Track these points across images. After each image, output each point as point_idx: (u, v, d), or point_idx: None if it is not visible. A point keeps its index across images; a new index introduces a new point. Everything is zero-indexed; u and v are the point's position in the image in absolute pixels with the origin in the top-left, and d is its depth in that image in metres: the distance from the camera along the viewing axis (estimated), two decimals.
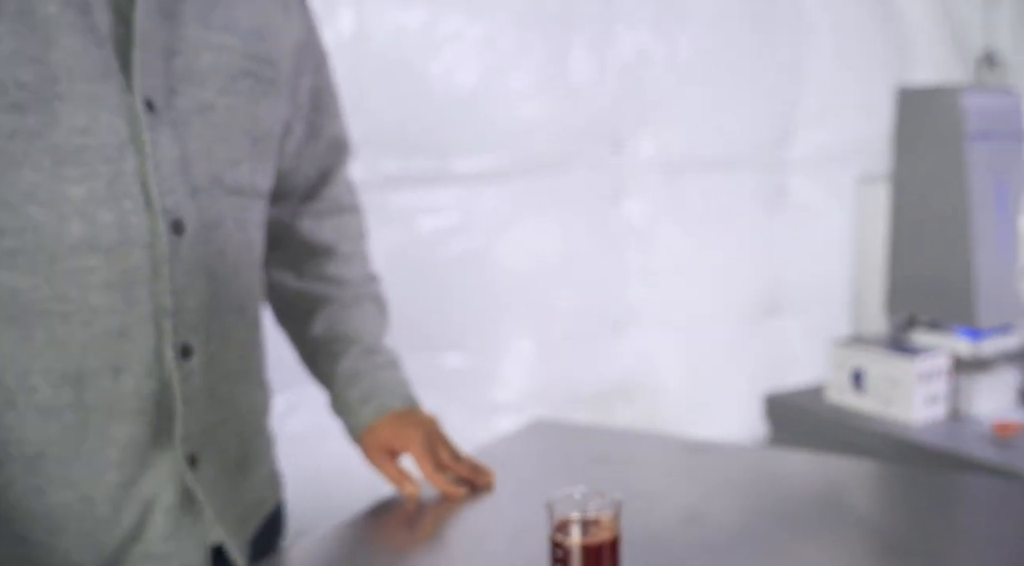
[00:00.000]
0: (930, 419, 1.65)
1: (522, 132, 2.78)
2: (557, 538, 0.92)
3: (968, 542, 1.11)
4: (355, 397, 1.20)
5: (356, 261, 1.25)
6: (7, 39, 0.82)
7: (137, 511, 0.94)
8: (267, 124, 1.05)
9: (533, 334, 2.90)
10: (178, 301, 0.94)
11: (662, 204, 3.03)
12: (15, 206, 0.84)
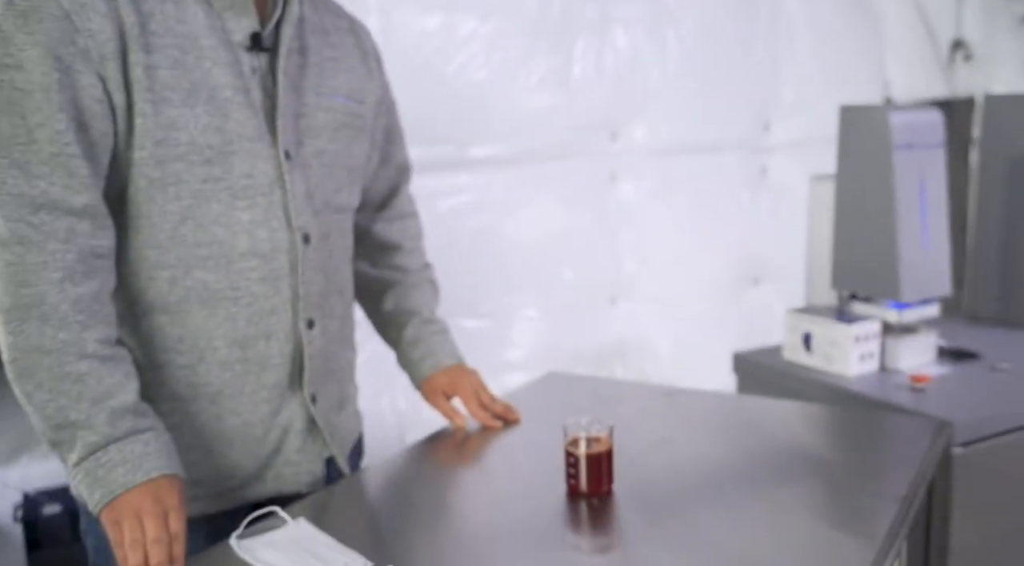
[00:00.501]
0: (863, 373, 2.06)
1: (529, 123, 3.11)
2: (569, 449, 1.34)
3: (887, 462, 1.50)
4: (416, 356, 1.61)
5: (416, 254, 1.65)
6: (202, 117, 1.20)
7: (279, 432, 1.34)
8: (358, 159, 1.44)
9: (539, 302, 3.25)
10: (305, 289, 1.33)
11: (653, 186, 3.37)
12: (206, 227, 1.22)
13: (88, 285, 1.15)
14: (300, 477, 1.36)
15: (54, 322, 1.12)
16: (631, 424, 1.47)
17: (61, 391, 1.12)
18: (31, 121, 1.11)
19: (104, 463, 1.12)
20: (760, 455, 1.50)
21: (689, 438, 1.57)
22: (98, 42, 1.13)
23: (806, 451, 1.55)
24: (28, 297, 1.11)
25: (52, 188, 1.12)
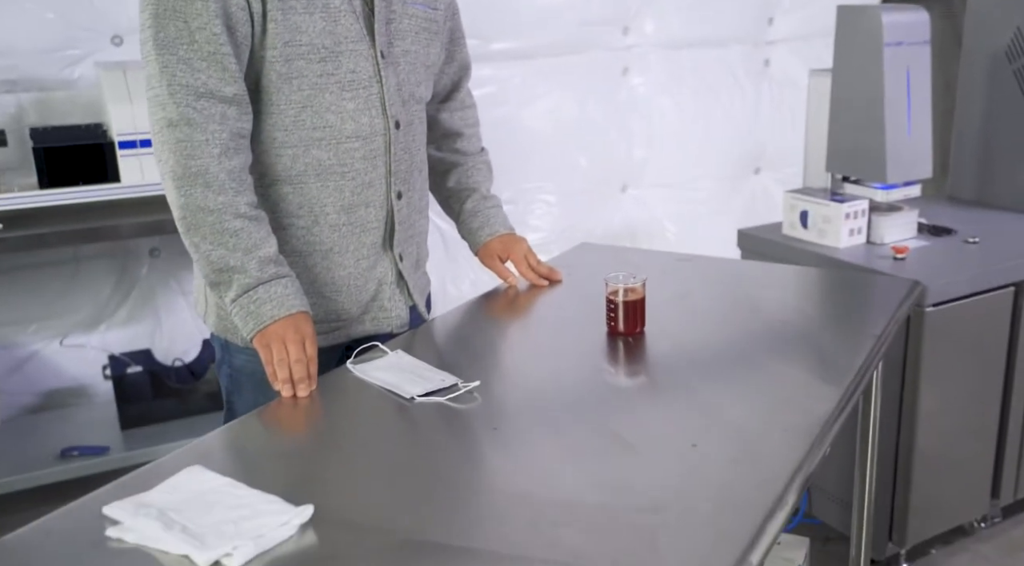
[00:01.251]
0: (852, 245, 2.39)
1: (547, 19, 3.35)
2: (610, 297, 1.67)
3: (868, 310, 1.82)
4: (475, 225, 1.92)
5: (474, 140, 1.94)
6: (319, 22, 1.48)
7: (375, 283, 1.66)
8: (433, 58, 1.72)
9: (555, 188, 3.55)
10: (396, 166, 1.63)
11: (662, 79, 3.64)
12: (321, 114, 1.52)
13: (238, 159, 1.46)
14: (392, 320, 1.70)
15: (215, 188, 1.43)
16: (656, 282, 1.79)
17: (221, 242, 1.44)
18: (192, 25, 1.39)
19: (255, 299, 1.45)
20: (760, 305, 1.85)
21: (704, 293, 1.91)
22: None
23: (799, 302, 1.90)
24: (195, 168, 1.42)
25: (210, 80, 1.42)
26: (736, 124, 3.87)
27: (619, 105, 3.61)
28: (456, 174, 1.91)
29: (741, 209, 3.88)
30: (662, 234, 3.77)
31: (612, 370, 1.59)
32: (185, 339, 3.09)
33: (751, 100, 3.88)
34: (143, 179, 2.53)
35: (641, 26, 3.58)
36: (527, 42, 3.38)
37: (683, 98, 3.72)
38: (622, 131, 3.64)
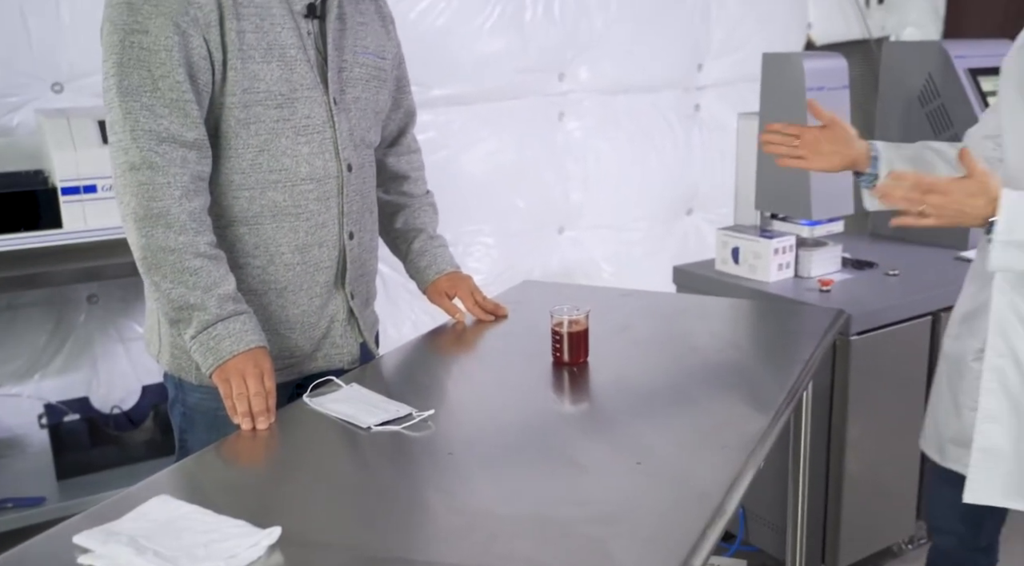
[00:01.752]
0: (781, 279, 2.55)
1: (485, 65, 3.48)
2: (555, 328, 1.77)
3: (796, 338, 1.96)
4: (423, 264, 2.01)
5: (420, 182, 2.04)
6: (276, 70, 1.58)
7: (328, 320, 1.74)
8: (382, 105, 1.83)
9: (494, 229, 3.66)
10: (348, 207, 1.72)
11: (597, 123, 3.80)
12: (277, 157, 1.61)
13: (198, 200, 1.54)
14: (343, 356, 1.78)
15: (176, 228, 1.51)
16: (598, 315, 1.90)
17: (181, 281, 1.52)
18: (156, 73, 1.49)
19: (215, 336, 1.53)
20: (696, 335, 1.97)
21: (644, 325, 2.03)
22: (204, 13, 1.51)
23: (732, 333, 2.03)
24: (157, 209, 1.50)
25: (172, 125, 1.50)
26: (669, 166, 4.04)
27: (556, 149, 3.76)
28: (403, 215, 2.01)
29: (675, 249, 4.04)
30: (598, 274, 3.90)
31: (558, 398, 1.70)
32: (123, 386, 3.09)
33: (683, 143, 4.06)
34: (86, 225, 2.57)
35: (576, 73, 3.74)
36: (466, 88, 3.50)
37: (618, 142, 3.88)
38: (559, 174, 3.78)
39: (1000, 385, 1.70)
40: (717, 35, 4.12)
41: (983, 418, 1.72)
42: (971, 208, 1.51)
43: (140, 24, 1.48)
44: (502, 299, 2.12)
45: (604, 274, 3.94)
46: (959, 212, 1.52)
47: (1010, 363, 1.68)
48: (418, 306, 3.53)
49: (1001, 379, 1.70)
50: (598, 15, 3.72)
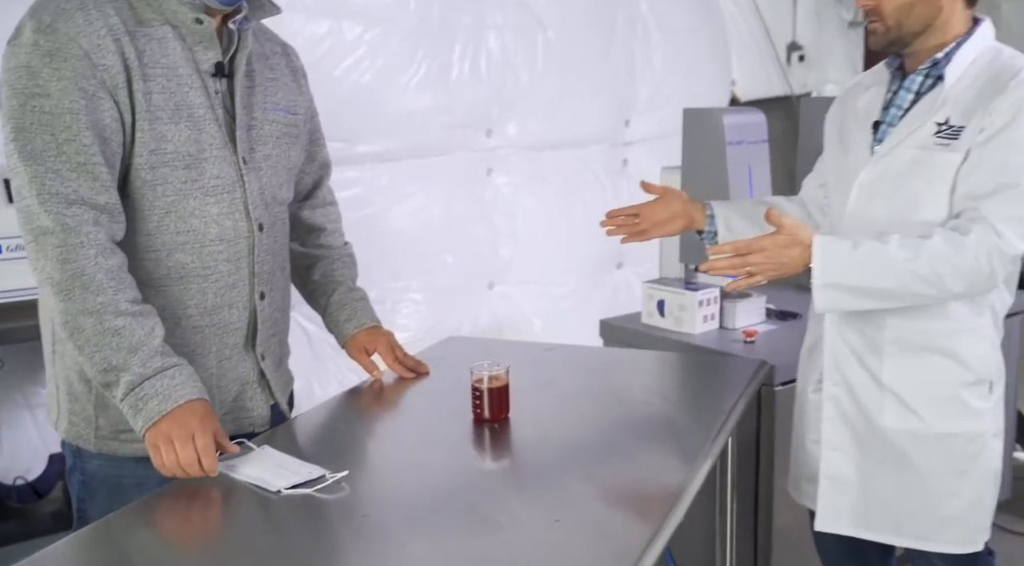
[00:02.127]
0: (706, 330, 2.57)
1: (412, 121, 3.50)
2: (475, 384, 1.76)
3: (719, 389, 1.97)
4: (342, 318, 1.97)
5: (337, 234, 2.02)
6: (184, 131, 1.56)
7: (238, 383, 1.69)
8: (295, 161, 1.81)
9: (423, 285, 3.64)
10: (259, 267, 1.69)
11: (526, 179, 3.83)
12: (185, 219, 1.58)
13: (115, 258, 1.50)
14: (254, 420, 1.74)
15: (93, 289, 1.46)
16: (522, 370, 1.89)
17: (104, 343, 1.47)
18: (60, 137, 1.45)
19: (141, 396, 1.48)
20: (622, 389, 1.97)
21: (569, 379, 2.02)
22: (111, 75, 1.49)
23: (658, 385, 2.04)
24: (72, 270, 1.46)
25: (81, 188, 1.47)
26: (597, 221, 4.06)
27: (484, 204, 3.77)
28: (321, 267, 1.98)
29: (604, 302, 4.06)
30: (529, 329, 3.90)
31: (478, 455, 1.67)
32: (29, 455, 2.98)
33: (611, 198, 4.11)
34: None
35: (504, 129, 3.78)
36: (393, 144, 3.51)
37: (546, 196, 3.91)
38: (488, 229, 3.79)
39: (838, 413, 1.82)
40: (643, 91, 4.21)
41: (826, 446, 1.84)
42: (788, 259, 1.65)
43: (41, 88, 1.45)
44: (425, 356, 2.10)
45: (535, 329, 3.94)
46: (779, 264, 1.65)
47: (844, 392, 1.81)
48: (344, 364, 3.46)
49: (839, 407, 1.82)
50: (524, 72, 3.77)
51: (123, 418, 1.58)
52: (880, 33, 1.71)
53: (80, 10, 1.49)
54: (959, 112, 1.67)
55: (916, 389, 1.76)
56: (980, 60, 1.70)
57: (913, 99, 1.76)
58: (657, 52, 4.23)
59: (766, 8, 4.68)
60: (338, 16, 3.32)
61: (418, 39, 3.48)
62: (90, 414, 1.62)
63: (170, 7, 1.56)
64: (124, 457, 1.62)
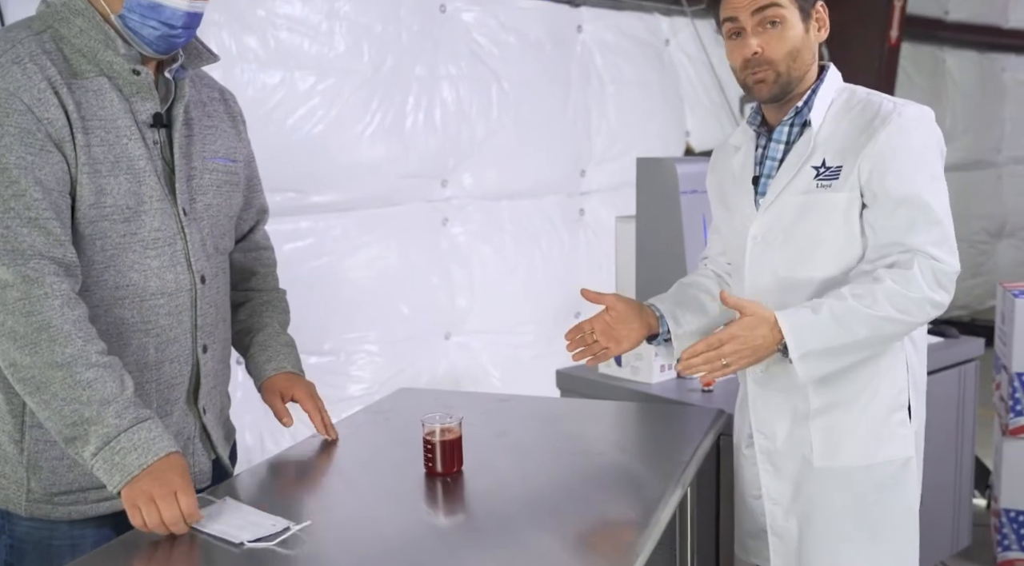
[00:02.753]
0: (663, 380, 2.55)
1: (366, 172, 3.49)
2: (426, 437, 1.71)
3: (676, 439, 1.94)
4: (263, 359, 1.87)
5: (270, 278, 1.94)
6: (123, 183, 1.52)
7: (181, 438, 1.62)
8: (235, 208, 1.78)
9: (378, 337, 3.60)
10: (202, 320, 1.64)
11: (482, 228, 3.83)
12: (124, 273, 1.53)
13: (80, 309, 1.45)
14: (195, 475, 1.66)
15: (61, 340, 1.41)
16: (476, 422, 1.86)
17: (74, 397, 1.41)
18: (6, 193, 1.41)
19: (118, 450, 1.41)
20: (578, 440, 1.93)
21: (523, 431, 1.98)
22: (56, 128, 1.45)
23: (615, 435, 2.01)
24: (37, 322, 1.40)
25: (36, 243, 1.42)
26: (555, 270, 4.08)
27: (440, 254, 3.75)
28: (248, 308, 1.91)
29: (563, 352, 4.01)
30: (487, 379, 3.86)
31: (431, 510, 1.62)
32: None
33: (568, 247, 4.12)
34: None
35: (459, 179, 3.78)
36: (346, 194, 3.49)
37: (502, 246, 3.91)
38: (444, 279, 3.77)
39: (772, 466, 1.81)
40: (599, 142, 4.24)
41: (767, 500, 1.83)
42: (761, 339, 1.62)
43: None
44: (374, 408, 2.05)
45: (492, 379, 3.90)
46: (754, 348, 1.63)
47: (774, 444, 1.80)
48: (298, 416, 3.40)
49: (772, 460, 1.81)
50: (479, 123, 3.80)
51: (57, 480, 1.53)
52: (770, 81, 1.69)
53: (16, 63, 1.45)
54: (832, 152, 1.70)
55: (841, 422, 1.76)
56: (837, 101, 1.74)
57: (784, 148, 1.77)
58: (611, 104, 4.29)
59: (718, 60, 4.76)
60: (290, 67, 3.32)
61: (372, 89, 3.50)
62: (21, 477, 1.54)
63: (106, 59, 1.53)
64: (57, 520, 1.55)
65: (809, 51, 1.72)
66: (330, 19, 3.38)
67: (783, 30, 1.67)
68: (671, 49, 4.56)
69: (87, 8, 1.52)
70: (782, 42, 1.67)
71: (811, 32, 1.72)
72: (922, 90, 6.05)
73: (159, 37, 1.54)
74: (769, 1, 1.66)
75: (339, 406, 3.50)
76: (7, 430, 1.54)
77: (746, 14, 1.67)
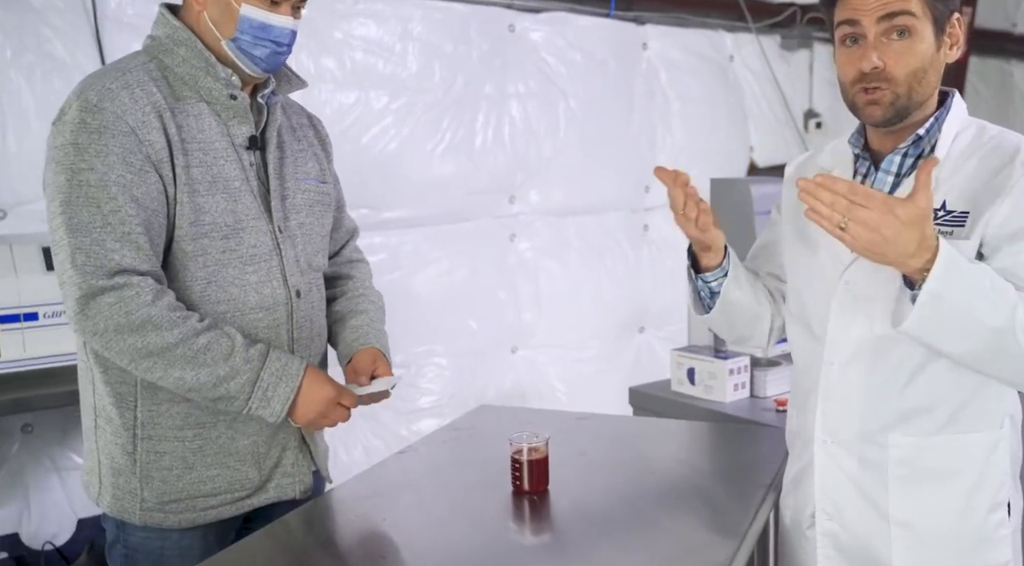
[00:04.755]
0: (737, 399, 2.55)
1: (436, 188, 3.55)
2: (514, 456, 1.74)
3: (757, 461, 1.95)
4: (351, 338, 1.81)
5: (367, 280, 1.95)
6: (221, 202, 1.59)
7: (278, 450, 1.69)
8: (327, 228, 1.84)
9: (447, 350, 3.65)
10: (298, 333, 1.71)
11: (548, 244, 3.86)
12: (225, 288, 1.61)
13: (169, 296, 1.54)
14: (296, 486, 1.73)
15: (165, 326, 1.51)
16: (554, 440, 1.87)
17: (200, 363, 1.52)
18: (105, 209, 1.49)
19: (266, 388, 1.56)
20: (654, 460, 1.95)
21: (601, 450, 2.00)
22: (156, 149, 1.53)
23: (691, 456, 2.01)
24: (138, 319, 1.49)
25: (124, 259, 1.50)
26: (619, 285, 4.09)
27: (507, 269, 3.79)
28: (344, 300, 1.92)
29: (628, 366, 4.05)
30: (552, 393, 3.89)
31: (519, 528, 1.65)
32: (57, 520, 2.95)
33: (633, 263, 4.13)
34: (24, 353, 2.50)
35: (526, 196, 3.82)
36: (417, 211, 3.54)
37: (568, 262, 3.93)
38: (511, 294, 3.80)
39: (837, 552, 1.55)
40: (663, 158, 4.24)
41: None
42: (901, 241, 1.25)
43: (87, 163, 1.49)
44: (457, 424, 2.09)
45: (558, 393, 3.92)
46: (883, 239, 1.25)
47: (841, 527, 1.54)
48: (369, 428, 3.47)
49: (837, 545, 1.55)
50: (546, 140, 3.83)
51: (168, 489, 1.60)
52: (885, 104, 1.40)
53: (125, 89, 1.54)
54: (955, 195, 1.42)
55: (932, 522, 1.48)
56: (963, 136, 1.47)
57: (894, 181, 1.48)
58: (676, 120, 4.29)
59: (783, 76, 4.74)
60: (365, 86, 3.39)
61: (443, 108, 3.55)
62: (135, 487, 1.62)
63: (205, 85, 1.62)
64: (169, 528, 1.62)
65: (936, 73, 1.44)
66: (403, 40, 3.45)
67: (912, 43, 1.39)
68: (735, 65, 4.55)
69: (190, 38, 1.61)
70: (908, 58, 1.39)
71: (942, 51, 1.43)
72: (989, 104, 5.95)
73: (268, 55, 1.64)
74: (901, 7, 1.37)
75: (408, 417, 3.57)
76: (120, 443, 1.61)
77: (871, 19, 1.39)
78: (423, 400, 3.60)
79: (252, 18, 1.60)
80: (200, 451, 1.62)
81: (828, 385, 1.53)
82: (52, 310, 2.49)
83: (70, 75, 2.79)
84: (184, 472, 1.61)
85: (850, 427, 1.51)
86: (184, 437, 1.61)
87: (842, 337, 1.50)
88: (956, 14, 1.43)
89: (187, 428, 1.60)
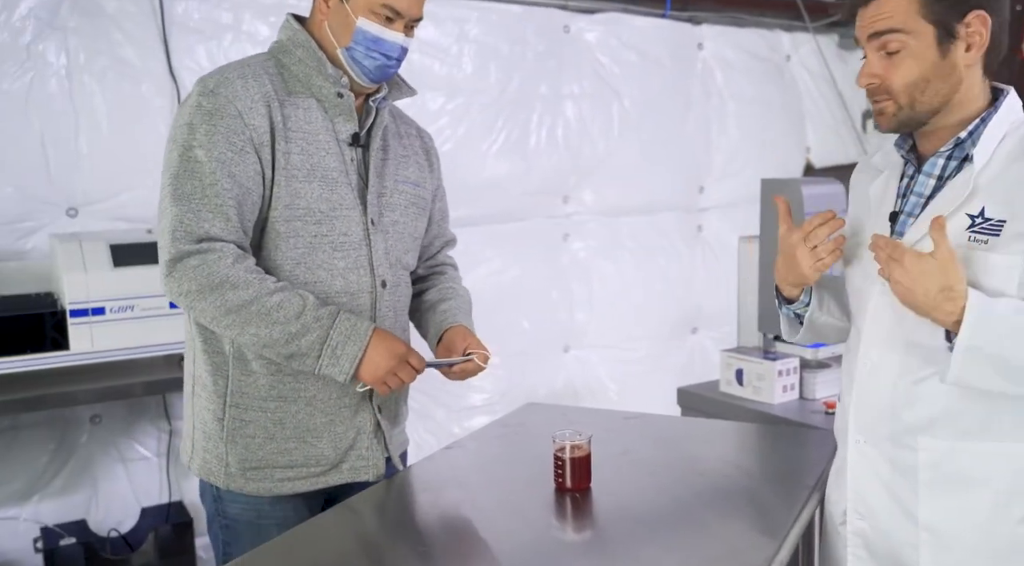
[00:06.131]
0: (786, 401, 2.54)
1: (491, 188, 3.58)
2: (557, 454, 1.77)
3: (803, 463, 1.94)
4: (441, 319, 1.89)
5: (456, 278, 2.03)
6: (316, 189, 1.68)
7: (354, 432, 1.75)
8: (420, 231, 1.91)
9: (499, 349, 3.65)
10: (381, 322, 1.76)
11: (601, 244, 3.87)
12: (314, 270, 1.69)
13: (249, 260, 1.64)
14: (369, 469, 1.80)
15: (241, 286, 1.60)
16: (601, 439, 1.89)
17: (273, 321, 1.61)
18: (206, 181, 1.61)
19: (335, 346, 1.63)
20: (701, 460, 1.95)
21: (647, 449, 2.01)
22: (259, 134, 1.65)
23: (738, 457, 2.01)
24: (218, 278, 1.59)
25: (214, 228, 1.61)
26: (673, 286, 4.08)
27: (560, 269, 3.81)
28: (435, 290, 2.00)
29: (680, 367, 4.04)
30: (604, 393, 3.89)
31: (561, 525, 1.67)
32: (122, 509, 3.06)
33: (687, 263, 4.12)
34: (92, 346, 2.59)
35: (580, 196, 3.83)
36: (472, 210, 3.56)
37: (622, 262, 3.93)
38: (563, 294, 3.82)
39: (867, 552, 1.56)
40: (718, 159, 4.22)
41: None
42: (922, 292, 1.34)
43: (197, 141, 1.62)
44: (503, 422, 2.12)
45: (609, 393, 3.93)
46: (911, 291, 1.36)
47: (871, 527, 1.55)
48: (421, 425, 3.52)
49: (867, 545, 1.56)
50: (600, 141, 3.83)
51: (249, 456, 1.71)
52: (889, 113, 1.45)
53: (240, 78, 1.67)
54: (995, 201, 1.39)
55: (960, 529, 1.46)
56: (1010, 137, 1.43)
57: (935, 185, 1.48)
58: (732, 120, 4.26)
59: (841, 76, 4.68)
60: (421, 87, 3.39)
61: (498, 109, 3.58)
62: (222, 451, 1.72)
63: (316, 83, 1.73)
64: (260, 498, 1.72)
65: (947, 79, 1.42)
66: (459, 42, 3.48)
67: (902, 58, 1.42)
68: (792, 65, 4.50)
69: (308, 41, 1.74)
70: (902, 72, 1.42)
71: (955, 54, 1.42)
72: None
73: (377, 66, 1.73)
74: (886, 27, 1.42)
75: (461, 414, 3.61)
76: (212, 409, 1.72)
77: (864, 37, 1.46)
78: (475, 398, 3.64)
79: (367, 31, 1.70)
80: (280, 423, 1.71)
81: (862, 379, 1.56)
82: (119, 305, 2.58)
83: (139, 78, 2.89)
84: (265, 441, 1.72)
85: (881, 426, 1.53)
86: (267, 408, 1.71)
87: (876, 333, 1.53)
88: (975, 12, 1.40)
89: (271, 400, 1.70)
